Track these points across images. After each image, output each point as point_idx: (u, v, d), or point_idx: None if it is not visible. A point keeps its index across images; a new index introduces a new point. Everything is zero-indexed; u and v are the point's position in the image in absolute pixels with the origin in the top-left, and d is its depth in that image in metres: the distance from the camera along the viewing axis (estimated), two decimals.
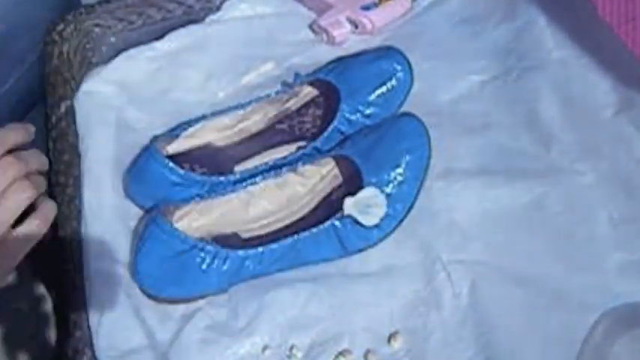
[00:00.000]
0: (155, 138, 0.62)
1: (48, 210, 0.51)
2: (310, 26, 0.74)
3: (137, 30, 0.73)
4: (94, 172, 0.64)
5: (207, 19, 0.73)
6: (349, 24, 0.72)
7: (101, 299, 0.59)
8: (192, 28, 0.72)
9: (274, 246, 0.58)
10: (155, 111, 0.68)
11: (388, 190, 0.60)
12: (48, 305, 0.93)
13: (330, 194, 0.64)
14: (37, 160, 0.51)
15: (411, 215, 0.61)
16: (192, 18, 0.74)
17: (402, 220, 0.61)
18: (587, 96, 0.67)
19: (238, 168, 0.65)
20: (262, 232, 0.62)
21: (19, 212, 0.48)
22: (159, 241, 0.57)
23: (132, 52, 0.70)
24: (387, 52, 0.67)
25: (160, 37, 0.72)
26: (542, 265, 0.60)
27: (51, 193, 0.65)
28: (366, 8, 0.72)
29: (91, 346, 0.58)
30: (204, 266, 0.57)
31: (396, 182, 0.60)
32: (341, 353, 0.57)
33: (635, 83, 0.66)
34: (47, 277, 0.92)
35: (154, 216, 0.58)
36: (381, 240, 0.61)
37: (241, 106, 0.66)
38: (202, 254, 0.57)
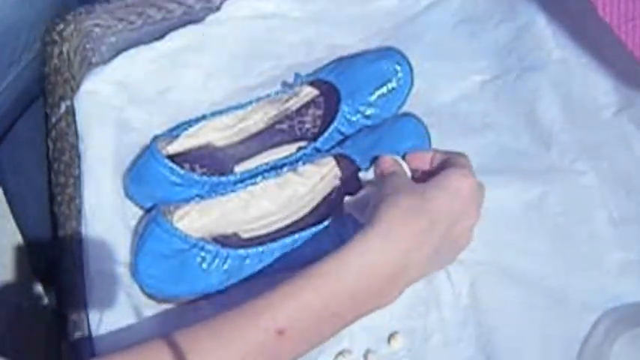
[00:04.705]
0: (155, 138, 0.62)
1: None
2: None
3: (137, 30, 0.73)
4: (94, 172, 0.64)
5: (207, 19, 0.73)
6: None
7: (101, 299, 0.59)
8: (192, 28, 0.72)
9: (274, 246, 0.58)
10: (155, 111, 0.68)
11: None
12: (47, 305, 0.93)
13: (330, 194, 0.64)
14: None
15: None
16: (192, 18, 0.73)
17: None
18: (587, 96, 0.67)
19: (238, 168, 0.65)
20: (263, 231, 0.62)
21: None
22: (159, 241, 0.57)
23: (132, 52, 0.70)
24: (387, 52, 0.67)
25: (160, 37, 0.71)
26: (542, 265, 0.60)
27: (51, 193, 0.65)
28: None
29: (91, 345, 0.58)
30: (204, 266, 0.57)
31: None
32: (341, 353, 0.57)
33: (635, 83, 0.66)
34: (47, 276, 0.92)
35: (154, 216, 0.58)
36: None
37: (241, 106, 0.65)
38: (203, 254, 0.57)
